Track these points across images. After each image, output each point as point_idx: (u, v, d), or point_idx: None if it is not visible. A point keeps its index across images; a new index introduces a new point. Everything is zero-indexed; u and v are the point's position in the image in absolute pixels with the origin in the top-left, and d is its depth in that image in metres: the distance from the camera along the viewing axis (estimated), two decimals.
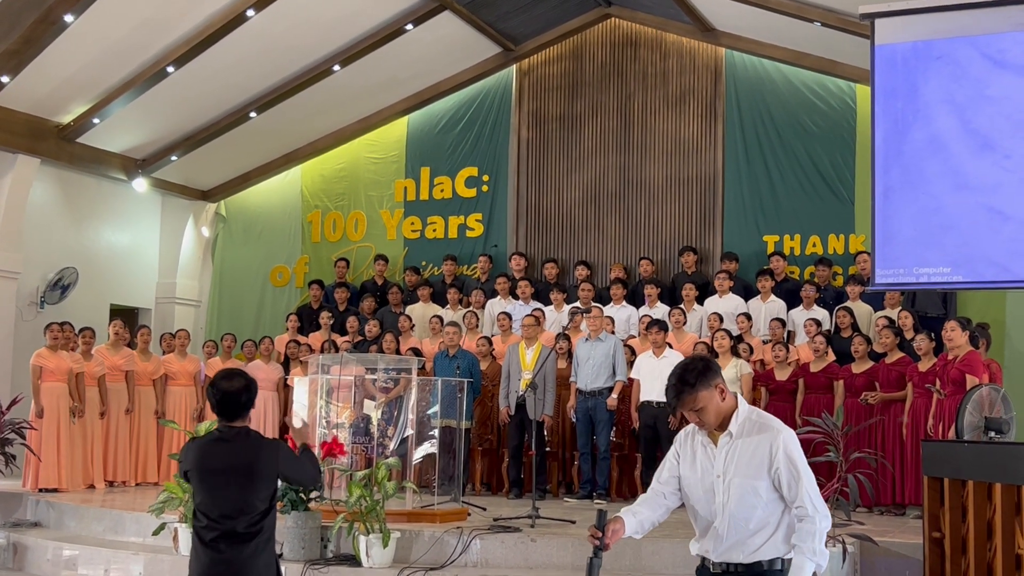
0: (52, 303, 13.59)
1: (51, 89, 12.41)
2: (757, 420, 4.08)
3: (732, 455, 4.03)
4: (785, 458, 3.96)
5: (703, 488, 4.10)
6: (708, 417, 4.05)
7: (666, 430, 10.30)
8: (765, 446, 3.99)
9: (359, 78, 13.93)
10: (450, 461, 9.30)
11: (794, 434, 4.06)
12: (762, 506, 3.98)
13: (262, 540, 4.63)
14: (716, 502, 4.06)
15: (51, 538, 9.16)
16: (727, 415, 4.07)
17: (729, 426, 4.06)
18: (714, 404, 4.02)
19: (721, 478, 4.04)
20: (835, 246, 13.08)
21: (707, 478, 4.09)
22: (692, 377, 4.01)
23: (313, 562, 7.67)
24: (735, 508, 4.01)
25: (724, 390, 4.05)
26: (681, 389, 4.01)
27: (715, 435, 4.10)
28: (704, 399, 4.01)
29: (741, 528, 4.01)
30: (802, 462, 3.98)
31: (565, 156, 14.54)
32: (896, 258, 8.45)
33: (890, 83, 8.46)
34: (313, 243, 15.67)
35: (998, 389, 7.56)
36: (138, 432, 11.98)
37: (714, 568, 4.11)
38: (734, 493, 4.00)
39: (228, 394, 4.70)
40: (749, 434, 4.03)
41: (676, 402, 4.05)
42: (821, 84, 13.36)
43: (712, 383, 4.01)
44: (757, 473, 3.98)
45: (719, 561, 4.09)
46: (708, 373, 4.02)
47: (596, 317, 10.97)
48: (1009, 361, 11.34)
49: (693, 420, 4.10)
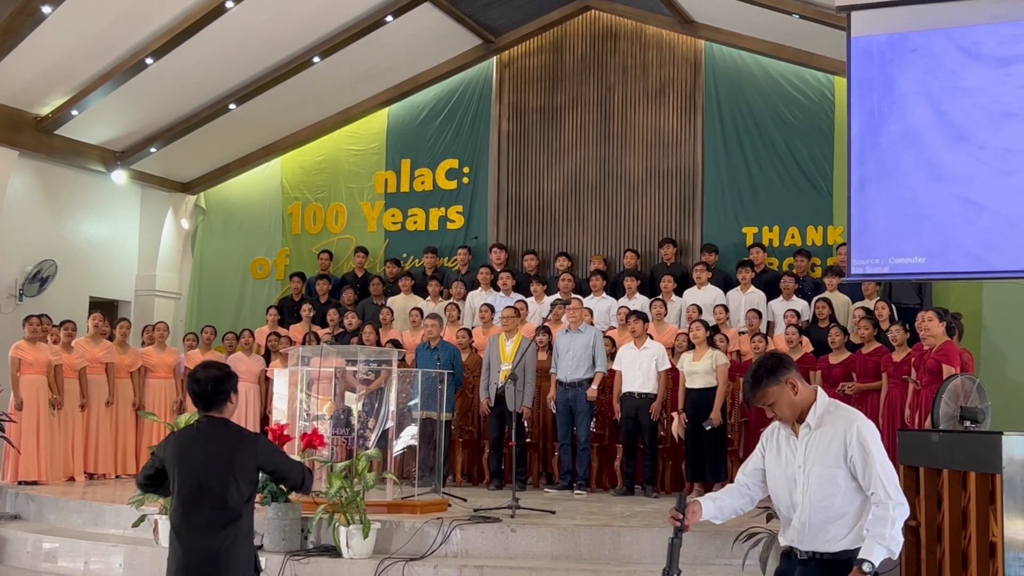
0: (31, 296, 13.53)
1: (29, 80, 12.35)
2: (835, 411, 4.26)
3: (811, 446, 4.21)
4: (858, 445, 4.11)
5: (786, 479, 4.28)
6: (782, 411, 4.26)
7: (647, 420, 10.36)
8: (840, 435, 4.16)
9: (339, 70, 13.90)
10: (431, 452, 9.32)
11: (870, 423, 4.22)
12: (840, 494, 4.14)
13: (241, 532, 4.63)
14: (798, 492, 4.22)
15: (31, 530, 9.14)
16: (804, 408, 4.26)
17: (807, 418, 4.24)
18: (786, 398, 4.23)
19: (801, 468, 4.22)
20: (814, 237, 13.15)
21: (789, 469, 4.27)
22: (762, 373, 4.25)
23: (293, 553, 7.68)
24: (815, 497, 4.17)
25: (796, 385, 4.24)
26: (753, 385, 4.25)
27: (797, 428, 4.28)
28: (774, 394, 4.23)
29: (821, 517, 4.16)
30: (876, 449, 4.12)
31: (545, 148, 14.57)
32: (872, 249, 8.49)
33: (866, 75, 8.49)
34: (293, 235, 15.66)
35: (973, 379, 7.61)
36: (118, 424, 11.97)
37: (800, 556, 4.25)
38: (813, 482, 4.18)
39: (207, 383, 4.71)
40: (827, 425, 4.21)
41: (750, 396, 4.32)
42: (799, 76, 13.42)
43: (782, 379, 4.22)
44: (835, 462, 4.15)
45: (804, 550, 4.23)
46: (778, 370, 4.24)
47: (576, 308, 11.01)
48: (985, 351, 11.46)
49: (768, 414, 4.33)
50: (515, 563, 7.48)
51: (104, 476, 11.79)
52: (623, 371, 10.55)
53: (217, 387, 4.71)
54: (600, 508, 9.23)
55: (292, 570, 7.53)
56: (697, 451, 10.19)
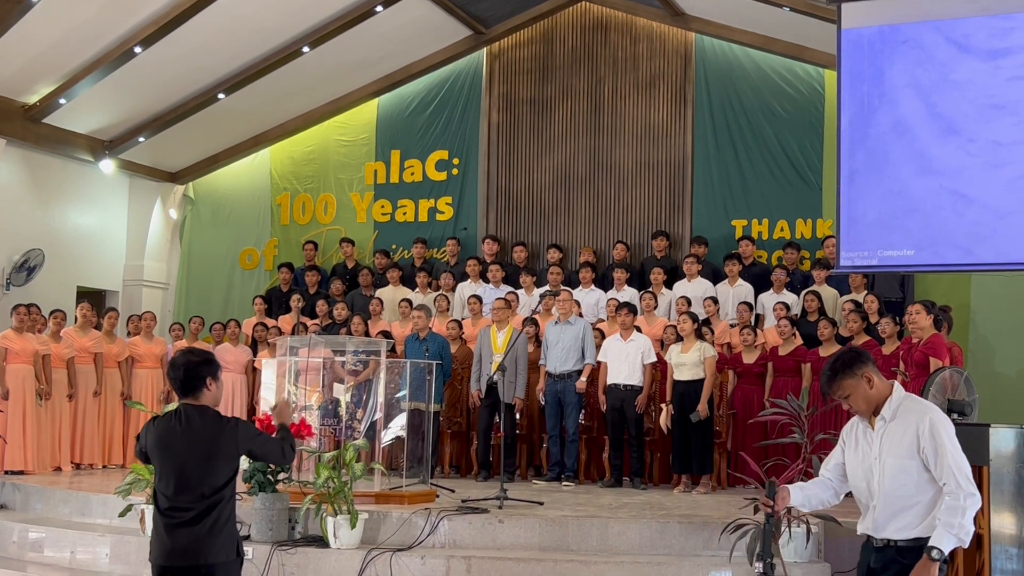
0: (18, 285, 13.48)
1: (17, 69, 12.29)
2: (909, 404, 4.39)
3: (886, 438, 4.35)
4: (930, 437, 4.24)
5: (863, 470, 4.44)
6: (857, 403, 4.41)
7: (633, 412, 10.36)
8: (913, 427, 4.29)
9: (329, 60, 13.86)
10: (419, 443, 9.29)
11: (943, 416, 4.35)
12: (913, 484, 4.28)
13: (222, 516, 4.65)
14: (874, 482, 4.37)
15: (17, 520, 9.09)
16: (880, 401, 4.39)
17: (883, 411, 4.38)
18: (860, 392, 4.37)
19: (877, 460, 4.36)
20: (803, 231, 13.16)
21: (866, 461, 4.42)
22: (838, 367, 4.40)
23: (281, 543, 7.66)
24: (889, 487, 4.31)
25: (872, 378, 4.38)
26: (829, 378, 4.41)
27: (873, 421, 4.42)
28: (849, 387, 4.38)
29: (895, 506, 4.31)
30: (948, 440, 4.24)
31: (535, 140, 14.55)
32: (861, 241, 8.52)
33: (856, 67, 8.51)
34: (282, 226, 15.62)
35: (961, 371, 7.63)
36: (105, 414, 11.93)
37: (876, 543, 4.41)
38: (888, 472, 4.32)
39: (181, 370, 4.71)
40: (901, 417, 4.35)
41: (826, 389, 4.47)
42: (790, 69, 13.42)
43: (857, 373, 4.37)
44: (908, 453, 4.29)
45: (880, 538, 4.38)
46: (853, 364, 4.39)
47: (565, 300, 11.00)
48: (973, 344, 11.48)
49: (845, 407, 4.49)
50: (503, 554, 7.46)
51: (91, 466, 11.75)
52: (608, 363, 10.54)
53: (192, 373, 4.72)
54: (588, 500, 9.23)
55: (279, 560, 7.51)
56: (684, 443, 10.19)
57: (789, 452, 9.12)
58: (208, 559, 4.60)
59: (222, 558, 4.65)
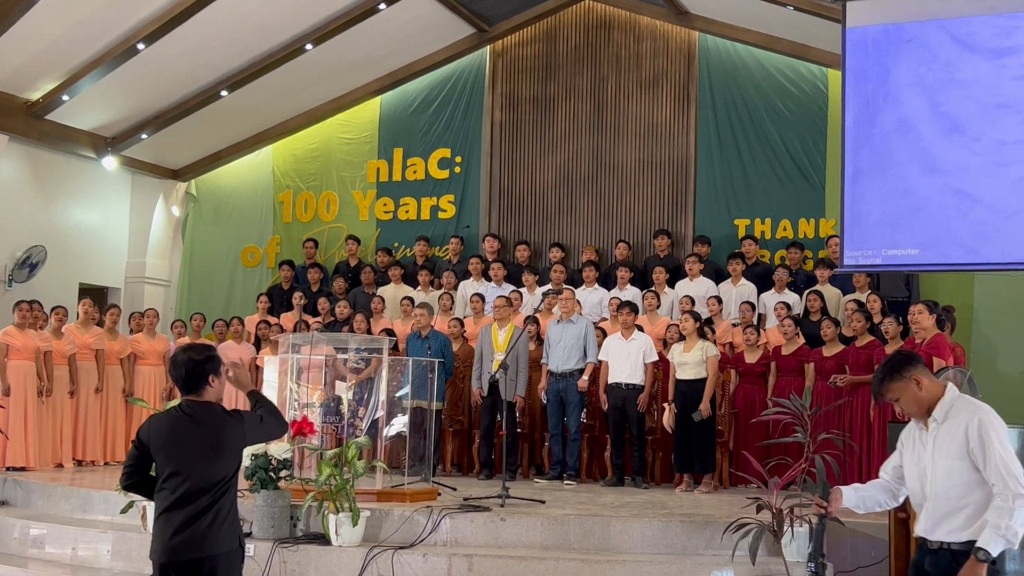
0: (20, 281, 13.47)
1: (20, 65, 12.28)
2: (961, 405, 4.40)
3: (939, 439, 4.36)
4: (978, 437, 4.25)
5: (917, 472, 4.45)
6: (907, 406, 4.46)
7: (635, 411, 10.35)
8: (963, 428, 4.30)
9: (332, 57, 13.85)
10: (421, 441, 9.29)
11: (994, 416, 4.35)
12: (963, 485, 4.28)
13: (224, 509, 4.66)
14: (927, 484, 4.38)
15: (18, 516, 9.08)
16: (931, 403, 4.41)
17: (934, 412, 4.39)
18: (910, 394, 4.41)
19: (930, 461, 4.37)
20: (806, 230, 13.14)
21: (921, 462, 4.44)
22: (887, 370, 4.45)
23: (282, 541, 7.65)
24: (940, 488, 4.32)
25: (922, 381, 4.41)
26: (879, 381, 4.47)
27: (927, 422, 4.44)
28: (898, 390, 4.43)
29: (947, 507, 4.31)
30: (996, 441, 4.25)
31: (538, 138, 14.53)
32: (865, 240, 8.50)
33: (861, 65, 8.49)
34: (284, 223, 15.61)
35: (964, 371, 7.62)
36: (107, 411, 11.92)
37: (931, 545, 4.39)
38: (939, 473, 4.34)
39: (184, 367, 4.71)
40: (952, 418, 4.37)
41: (877, 392, 4.53)
42: (793, 69, 13.40)
43: (906, 376, 4.40)
44: (958, 454, 4.30)
45: (934, 539, 4.38)
46: (902, 367, 4.43)
47: (567, 299, 10.98)
48: (976, 344, 11.47)
49: (897, 410, 4.61)
50: (504, 552, 7.45)
51: (93, 463, 11.74)
52: (610, 361, 10.52)
53: (195, 370, 4.72)
54: (590, 498, 9.22)
55: (281, 557, 7.50)
56: (686, 442, 10.17)
57: (791, 451, 9.11)
58: (212, 551, 4.60)
59: (224, 548, 4.65)
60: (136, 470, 4.79)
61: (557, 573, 7.16)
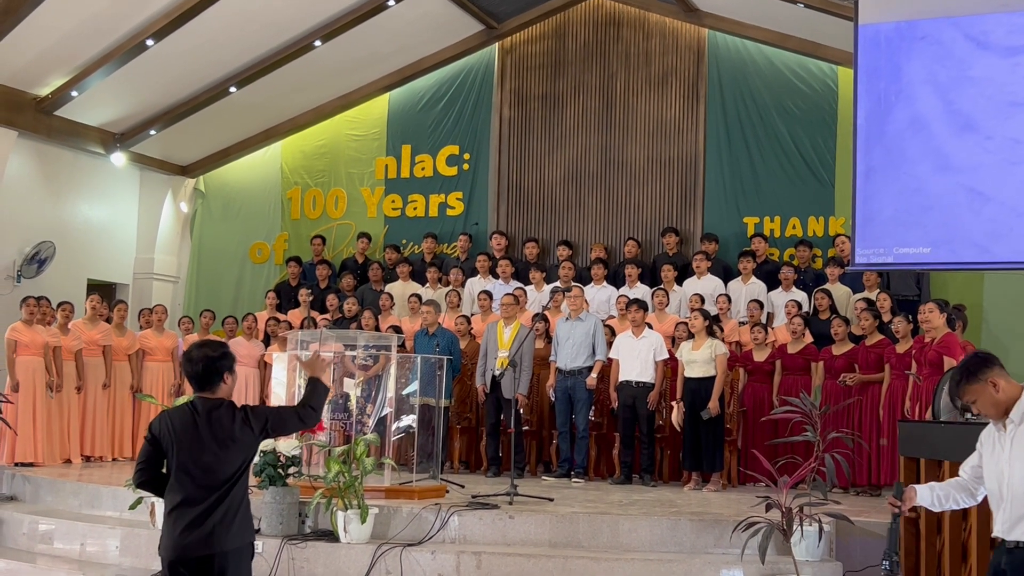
0: (29, 277, 13.49)
1: (29, 61, 12.29)
2: None
3: (1016, 440, 4.35)
4: None
5: (995, 473, 4.42)
6: (984, 408, 4.43)
7: (645, 409, 10.33)
8: None
9: (340, 54, 13.84)
10: (429, 438, 9.27)
11: None
12: None
13: (235, 504, 4.66)
14: (1004, 485, 4.36)
15: (27, 512, 9.10)
16: (1008, 404, 4.39)
17: (1011, 414, 4.37)
18: (986, 396, 4.38)
19: (1007, 462, 4.35)
20: (815, 228, 13.12)
21: (998, 464, 4.40)
22: (964, 372, 4.44)
23: (291, 537, 7.65)
24: (1018, 488, 4.30)
25: (998, 383, 4.37)
26: (957, 383, 4.45)
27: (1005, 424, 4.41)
28: (974, 392, 4.40)
29: (1022, 508, 4.30)
30: None
31: (547, 135, 14.52)
32: (876, 238, 8.46)
33: (873, 63, 8.45)
34: (293, 220, 15.61)
35: None
36: (115, 407, 11.93)
37: (1008, 545, 4.38)
38: (1016, 474, 4.30)
39: (199, 364, 4.69)
40: None
41: (954, 394, 4.54)
42: (803, 66, 13.36)
43: (982, 378, 4.38)
44: None
45: (1011, 539, 4.36)
46: (980, 369, 4.41)
47: (576, 296, 10.96)
48: (986, 343, 11.41)
49: (974, 411, 4.61)
50: (513, 549, 7.45)
51: (101, 458, 11.75)
52: (620, 359, 10.50)
53: (211, 367, 4.71)
54: (598, 496, 9.20)
55: (289, 554, 7.50)
56: (694, 440, 10.15)
57: (799, 450, 9.08)
58: (222, 547, 4.59)
59: (236, 544, 4.65)
60: (149, 465, 4.77)
61: (566, 571, 7.14)
